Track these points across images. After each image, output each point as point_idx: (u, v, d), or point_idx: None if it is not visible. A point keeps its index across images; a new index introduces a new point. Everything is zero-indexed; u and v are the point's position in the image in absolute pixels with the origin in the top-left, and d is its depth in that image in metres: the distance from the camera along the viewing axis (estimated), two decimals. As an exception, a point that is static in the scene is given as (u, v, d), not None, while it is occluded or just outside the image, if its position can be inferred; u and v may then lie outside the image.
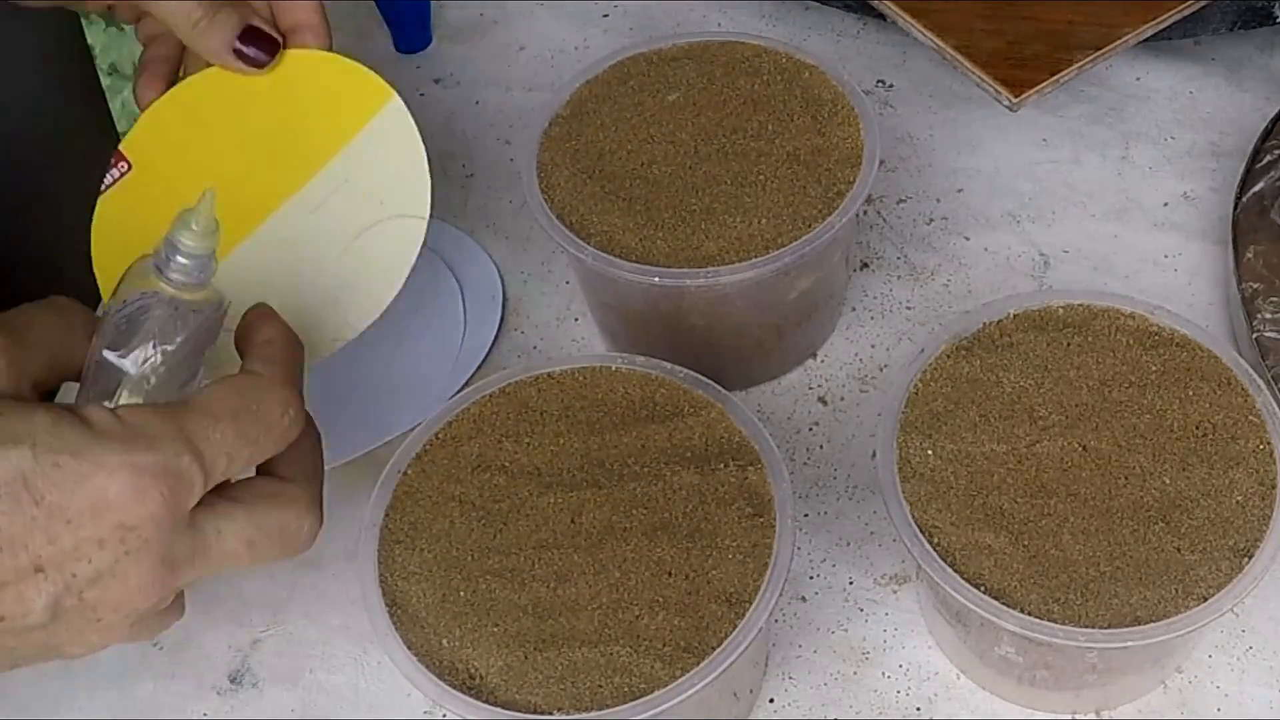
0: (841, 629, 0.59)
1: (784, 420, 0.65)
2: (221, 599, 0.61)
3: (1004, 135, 0.75)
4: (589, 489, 0.53)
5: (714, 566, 0.51)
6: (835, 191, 0.61)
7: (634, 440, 0.54)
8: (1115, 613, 0.49)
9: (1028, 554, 0.51)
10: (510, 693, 0.49)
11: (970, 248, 0.71)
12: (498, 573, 0.51)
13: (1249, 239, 0.66)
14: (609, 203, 0.62)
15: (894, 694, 0.57)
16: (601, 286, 0.65)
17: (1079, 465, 0.53)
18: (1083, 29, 0.68)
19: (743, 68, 0.66)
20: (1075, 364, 0.55)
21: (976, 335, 0.56)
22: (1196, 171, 0.73)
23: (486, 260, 0.72)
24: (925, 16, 0.69)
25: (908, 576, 0.60)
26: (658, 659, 0.49)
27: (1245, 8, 0.72)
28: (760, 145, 0.63)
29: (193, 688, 0.59)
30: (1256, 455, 0.52)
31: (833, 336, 0.68)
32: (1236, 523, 0.51)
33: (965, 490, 0.52)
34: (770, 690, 0.58)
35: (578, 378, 0.57)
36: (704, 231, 0.61)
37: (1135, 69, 0.77)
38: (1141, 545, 0.51)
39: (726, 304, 0.62)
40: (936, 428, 0.54)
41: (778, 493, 0.52)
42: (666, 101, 0.66)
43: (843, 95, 0.65)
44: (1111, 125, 0.75)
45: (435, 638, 0.50)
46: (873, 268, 0.70)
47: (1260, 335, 0.63)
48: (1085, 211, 0.72)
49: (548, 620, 0.50)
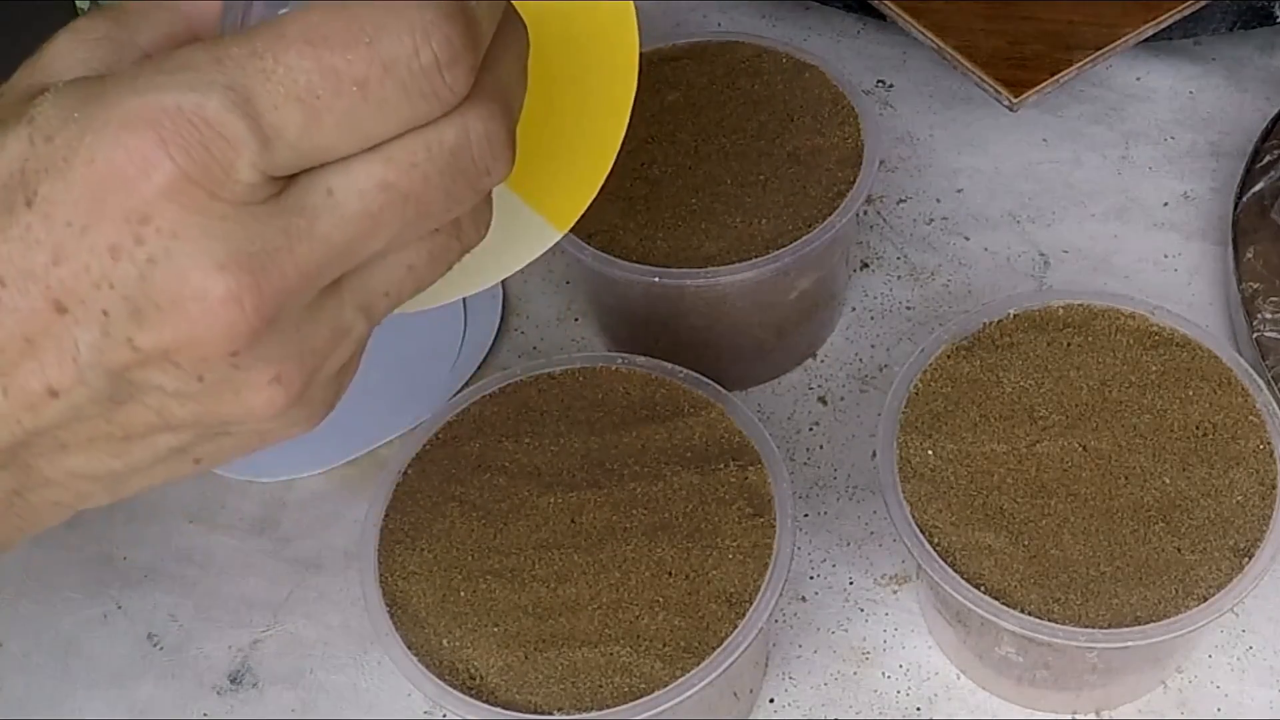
0: (841, 629, 0.59)
1: (784, 420, 0.65)
2: (221, 599, 0.61)
3: (1004, 135, 0.75)
4: (589, 489, 0.53)
5: (714, 566, 0.51)
6: (835, 191, 0.61)
7: (634, 440, 0.54)
8: (1115, 613, 0.49)
9: (1028, 554, 0.51)
10: (510, 693, 0.49)
11: (970, 248, 0.71)
12: (498, 573, 0.51)
13: (1249, 239, 0.66)
14: (609, 203, 0.62)
15: (894, 694, 0.57)
16: (601, 286, 0.65)
17: (1079, 465, 0.53)
18: (1083, 29, 0.68)
19: (743, 68, 0.66)
20: (1075, 364, 0.55)
21: (976, 335, 0.56)
22: (1196, 171, 0.73)
23: (486, 260, 0.72)
24: (925, 16, 0.69)
25: (908, 576, 0.60)
26: (658, 659, 0.49)
27: (1245, 8, 0.72)
28: (760, 145, 0.63)
29: (193, 688, 0.59)
30: (1256, 455, 0.52)
31: (833, 336, 0.68)
32: (1236, 523, 0.51)
33: (965, 490, 0.52)
34: (770, 690, 0.58)
35: (578, 378, 0.57)
36: (704, 231, 0.61)
37: (1135, 69, 0.77)
38: (1141, 545, 0.51)
39: (726, 304, 0.62)
40: (936, 428, 0.54)
41: (778, 493, 0.52)
42: (666, 101, 0.66)
43: (843, 95, 0.65)
44: (1111, 125, 0.75)
45: (435, 638, 0.50)
46: (873, 268, 0.70)
47: (1260, 335, 0.63)
48: (1085, 211, 0.72)
49: (548, 620, 0.50)
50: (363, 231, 0.30)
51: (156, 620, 0.61)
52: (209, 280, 0.29)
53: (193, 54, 0.28)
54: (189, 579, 0.62)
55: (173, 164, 0.28)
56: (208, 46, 0.29)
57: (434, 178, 0.30)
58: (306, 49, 0.28)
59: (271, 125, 0.28)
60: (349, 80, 0.28)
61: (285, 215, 0.29)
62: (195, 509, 0.64)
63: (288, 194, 0.29)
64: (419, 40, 0.29)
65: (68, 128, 0.28)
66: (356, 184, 0.30)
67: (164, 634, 0.61)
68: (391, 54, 0.28)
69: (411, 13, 0.29)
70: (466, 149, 0.30)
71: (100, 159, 0.28)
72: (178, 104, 0.28)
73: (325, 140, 0.29)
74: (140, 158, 0.28)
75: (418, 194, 0.30)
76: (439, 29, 0.29)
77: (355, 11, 0.28)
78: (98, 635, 0.61)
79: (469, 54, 0.29)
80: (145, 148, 0.28)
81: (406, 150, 0.30)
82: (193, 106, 0.28)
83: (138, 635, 0.61)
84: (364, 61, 0.28)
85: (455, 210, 0.31)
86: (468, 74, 0.30)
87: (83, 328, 0.29)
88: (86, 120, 0.28)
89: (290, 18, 0.28)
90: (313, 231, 0.29)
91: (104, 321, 0.29)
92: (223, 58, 0.28)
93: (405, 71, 0.29)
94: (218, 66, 0.28)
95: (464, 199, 0.31)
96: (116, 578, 0.62)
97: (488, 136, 0.31)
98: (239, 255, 0.29)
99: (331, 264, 0.30)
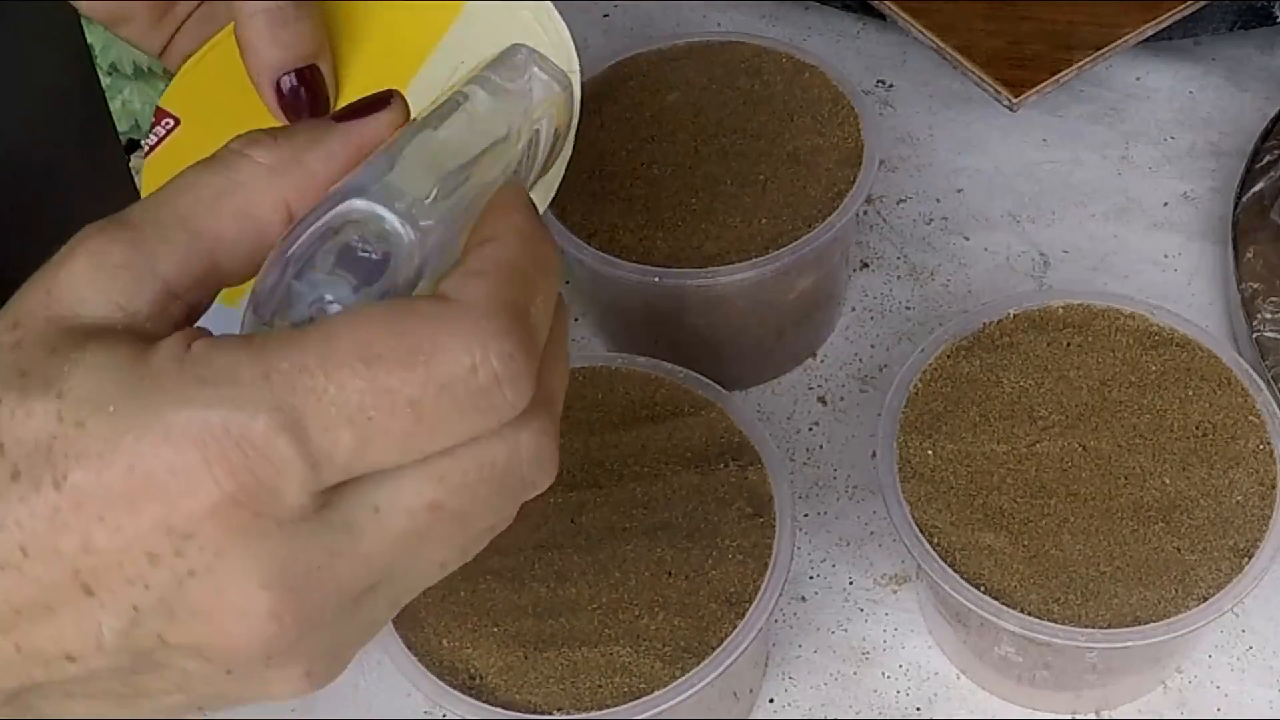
0: (841, 629, 0.59)
1: (784, 420, 0.65)
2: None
3: (1004, 135, 0.75)
4: (589, 489, 0.53)
5: (714, 566, 0.51)
6: (835, 191, 0.61)
7: (634, 440, 0.54)
8: (1115, 613, 0.49)
9: (1028, 554, 0.51)
10: (510, 693, 0.49)
11: (970, 248, 0.71)
12: (498, 573, 0.51)
13: (1249, 239, 0.66)
14: (609, 203, 0.62)
15: (894, 694, 0.57)
16: (601, 286, 0.65)
17: (1079, 465, 0.53)
18: (1083, 29, 0.68)
19: (743, 68, 0.66)
20: (1075, 364, 0.55)
21: (976, 335, 0.56)
22: (1196, 171, 0.73)
23: (486, 260, 0.72)
24: (925, 16, 0.69)
25: (908, 576, 0.60)
26: (658, 659, 0.49)
27: (1245, 8, 0.72)
28: (760, 145, 0.63)
29: (193, 688, 0.59)
30: (1256, 455, 0.52)
31: (833, 336, 0.68)
32: (1236, 523, 0.51)
33: (965, 490, 0.52)
34: (770, 690, 0.58)
35: (578, 378, 0.57)
36: (704, 231, 0.61)
37: (1135, 69, 0.77)
38: (1141, 545, 0.51)
39: (726, 304, 0.62)
40: (936, 428, 0.54)
41: (778, 493, 0.52)
42: (666, 101, 0.66)
43: (843, 95, 0.65)
44: (1111, 125, 0.75)
45: (435, 638, 0.50)
46: (873, 268, 0.70)
47: (1260, 335, 0.63)
48: (1085, 211, 0.72)
49: (548, 620, 0.50)
50: (406, 550, 0.29)
51: (156, 620, 0.61)
52: (250, 598, 0.28)
53: (238, 365, 0.27)
54: (189, 579, 0.62)
55: (218, 488, 0.27)
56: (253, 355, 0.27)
57: (483, 497, 0.29)
58: (360, 368, 0.27)
59: (321, 449, 0.27)
60: (403, 401, 0.27)
61: (330, 533, 0.28)
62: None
63: (332, 508, 0.28)
64: (478, 358, 0.28)
65: (100, 418, 0.27)
66: (405, 502, 0.29)
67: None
68: (449, 374, 0.27)
69: (470, 327, 0.27)
70: (518, 468, 0.29)
71: (140, 469, 0.27)
72: (224, 424, 0.26)
73: (375, 460, 0.28)
74: (184, 477, 0.27)
75: (464, 512, 0.29)
76: (498, 344, 0.28)
77: (410, 323, 0.27)
78: (98, 635, 0.61)
79: (530, 367, 0.28)
80: (190, 467, 0.27)
81: (459, 470, 0.29)
82: (239, 428, 0.27)
83: (138, 635, 0.60)
84: (420, 382, 0.27)
85: (496, 521, 0.31)
86: (528, 388, 0.28)
87: (109, 613, 0.28)
88: (124, 420, 0.27)
89: (343, 329, 0.27)
90: (356, 550, 0.29)
91: (134, 615, 0.28)
92: (271, 373, 0.27)
93: (462, 391, 0.27)
94: (265, 383, 0.27)
95: (507, 513, 0.31)
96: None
97: (537, 454, 0.30)
98: (282, 574, 0.28)
99: (371, 579, 0.29)
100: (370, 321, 0.27)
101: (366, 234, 0.29)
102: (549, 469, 0.30)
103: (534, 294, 0.29)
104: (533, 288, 0.29)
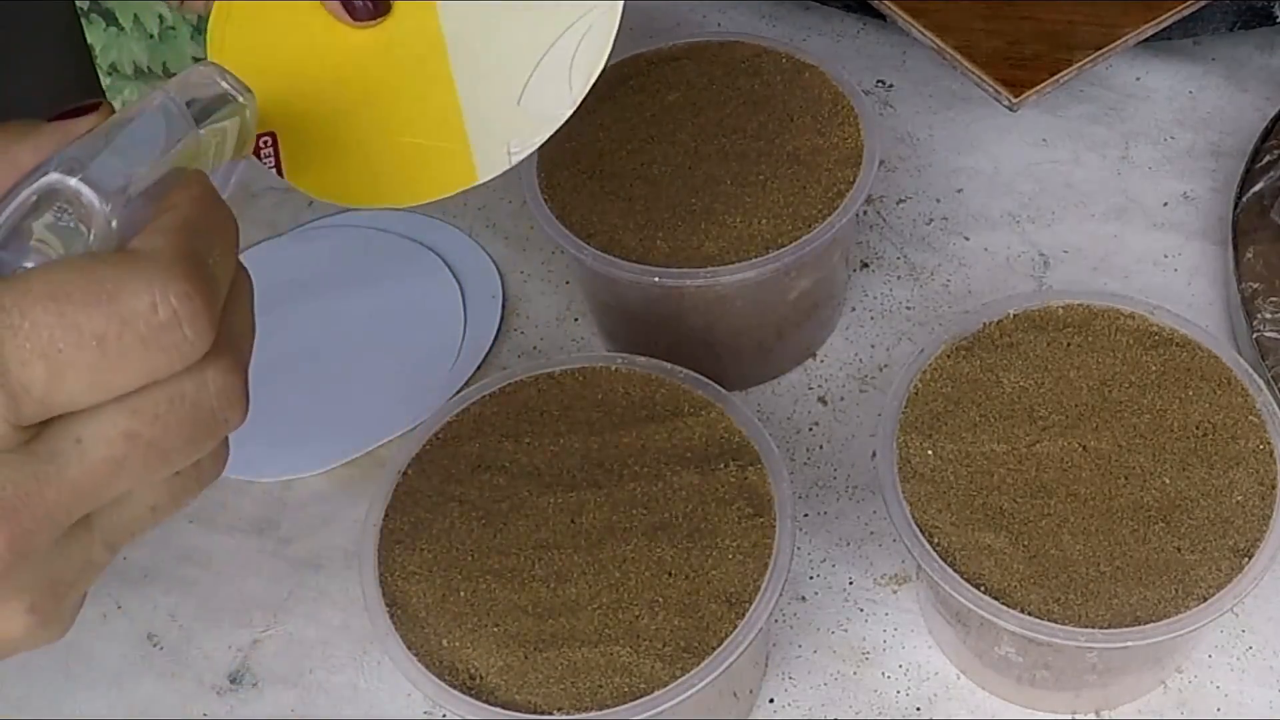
0: (841, 629, 0.59)
1: (784, 420, 0.65)
2: (221, 599, 0.61)
3: (1004, 135, 0.75)
4: (589, 489, 0.53)
5: (714, 566, 0.51)
6: (835, 191, 0.61)
7: (634, 440, 0.54)
8: (1115, 613, 0.49)
9: (1028, 554, 0.51)
10: (510, 693, 0.49)
11: (970, 248, 0.71)
12: (498, 573, 0.51)
13: (1249, 239, 0.66)
14: (609, 203, 0.62)
15: (894, 694, 0.57)
16: (601, 286, 0.65)
17: (1079, 465, 0.53)
18: (1083, 29, 0.68)
19: (743, 68, 0.66)
20: (1075, 364, 0.55)
21: (976, 335, 0.56)
22: (1196, 171, 0.73)
23: (486, 260, 0.72)
24: (925, 16, 0.69)
25: (908, 576, 0.60)
26: (658, 659, 0.49)
27: (1245, 8, 0.72)
28: (760, 145, 0.63)
29: (193, 688, 0.59)
30: (1256, 455, 0.52)
31: (833, 336, 0.68)
32: (1236, 523, 0.51)
33: (965, 490, 0.52)
34: (770, 690, 0.58)
35: (578, 378, 0.57)
36: (704, 231, 0.61)
37: (1135, 69, 0.77)
38: (1141, 545, 0.51)
39: (726, 304, 0.62)
40: (936, 428, 0.54)
41: (778, 493, 0.52)
42: (666, 101, 0.66)
43: (843, 95, 0.65)
44: (1111, 125, 0.75)
45: (435, 638, 0.50)
46: (873, 268, 0.70)
47: (1260, 335, 0.63)
48: (1085, 211, 0.72)
49: (548, 620, 0.50)
50: (109, 477, 0.31)
51: (156, 620, 0.61)
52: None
53: None
54: (189, 579, 0.62)
55: None
56: None
57: (175, 427, 0.32)
58: (50, 305, 0.29)
59: (19, 380, 0.29)
60: (89, 335, 0.29)
61: (36, 462, 0.30)
62: (195, 509, 0.64)
63: (39, 440, 0.30)
64: (158, 297, 0.30)
65: None
66: (103, 433, 0.31)
67: (164, 634, 0.61)
68: (131, 310, 0.30)
69: (150, 271, 0.30)
70: (206, 401, 0.32)
71: None
72: None
73: (70, 393, 0.30)
74: None
75: (160, 442, 0.32)
76: (177, 285, 0.30)
77: (96, 269, 0.30)
78: (98, 635, 0.61)
79: (208, 309, 0.31)
80: None
81: (150, 402, 0.31)
82: None
83: (138, 635, 0.61)
84: (104, 318, 0.29)
85: (195, 455, 0.33)
86: (208, 328, 0.31)
87: None
88: None
89: (36, 273, 0.30)
90: (62, 476, 0.30)
91: None
92: None
93: (144, 327, 0.30)
94: None
95: (203, 445, 0.33)
96: (116, 578, 0.62)
97: (225, 389, 0.32)
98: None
99: (79, 505, 0.31)
100: (62, 268, 0.30)
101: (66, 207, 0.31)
102: (238, 405, 0.33)
103: (211, 247, 0.32)
104: (209, 242, 0.32)
